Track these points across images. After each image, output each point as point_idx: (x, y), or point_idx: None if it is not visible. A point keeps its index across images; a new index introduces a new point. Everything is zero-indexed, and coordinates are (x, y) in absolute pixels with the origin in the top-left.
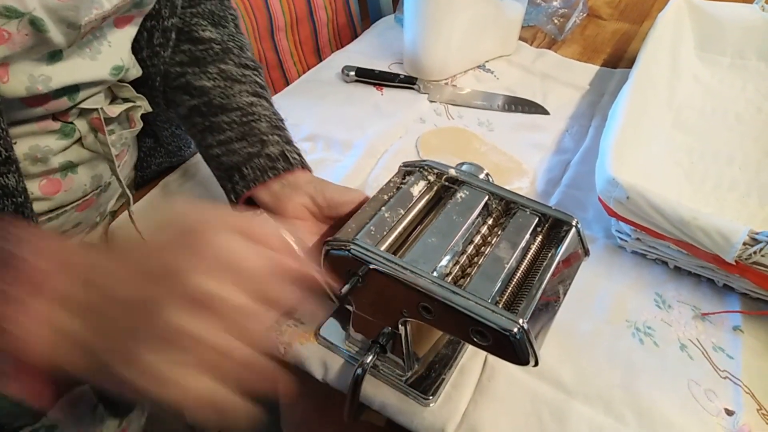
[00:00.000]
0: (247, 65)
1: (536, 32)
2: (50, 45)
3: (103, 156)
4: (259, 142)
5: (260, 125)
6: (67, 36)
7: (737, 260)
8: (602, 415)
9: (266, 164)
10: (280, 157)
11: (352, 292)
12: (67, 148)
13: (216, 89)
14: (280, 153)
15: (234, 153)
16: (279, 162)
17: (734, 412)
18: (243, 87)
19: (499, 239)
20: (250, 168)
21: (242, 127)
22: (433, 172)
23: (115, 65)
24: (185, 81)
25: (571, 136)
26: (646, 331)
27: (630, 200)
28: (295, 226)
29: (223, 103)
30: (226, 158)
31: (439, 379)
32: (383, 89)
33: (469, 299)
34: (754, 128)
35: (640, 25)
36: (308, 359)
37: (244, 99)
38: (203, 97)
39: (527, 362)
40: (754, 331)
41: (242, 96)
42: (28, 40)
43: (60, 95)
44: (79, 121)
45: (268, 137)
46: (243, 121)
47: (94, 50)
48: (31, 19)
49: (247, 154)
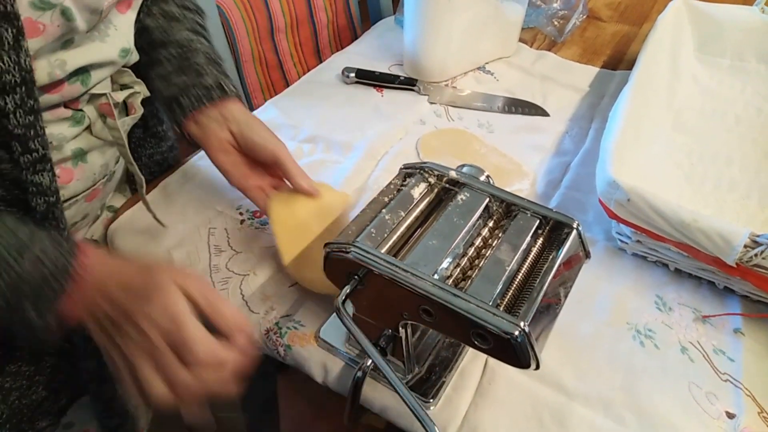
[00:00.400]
0: (188, 7)
1: (536, 34)
2: (74, 32)
3: (109, 144)
4: (195, 74)
5: (198, 58)
6: (89, 22)
7: (738, 263)
8: (603, 418)
9: (202, 93)
10: (216, 87)
11: (352, 295)
12: (77, 135)
13: (157, 29)
14: (216, 83)
15: (173, 85)
16: (214, 91)
17: (735, 415)
18: (183, 25)
19: (500, 241)
20: (187, 97)
21: (180, 60)
22: (433, 174)
23: (123, 47)
24: (140, 18)
25: (571, 137)
26: (647, 334)
27: (630, 202)
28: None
29: (162, 39)
30: (166, 91)
31: (440, 381)
32: (383, 91)
33: (469, 302)
34: (754, 130)
35: (640, 27)
36: (308, 361)
37: (182, 35)
38: (145, 35)
39: (528, 365)
40: (755, 334)
41: (181, 33)
42: (58, 30)
43: (74, 80)
44: (88, 107)
45: (204, 69)
46: (180, 54)
47: (103, 33)
48: (62, 9)
49: (184, 84)
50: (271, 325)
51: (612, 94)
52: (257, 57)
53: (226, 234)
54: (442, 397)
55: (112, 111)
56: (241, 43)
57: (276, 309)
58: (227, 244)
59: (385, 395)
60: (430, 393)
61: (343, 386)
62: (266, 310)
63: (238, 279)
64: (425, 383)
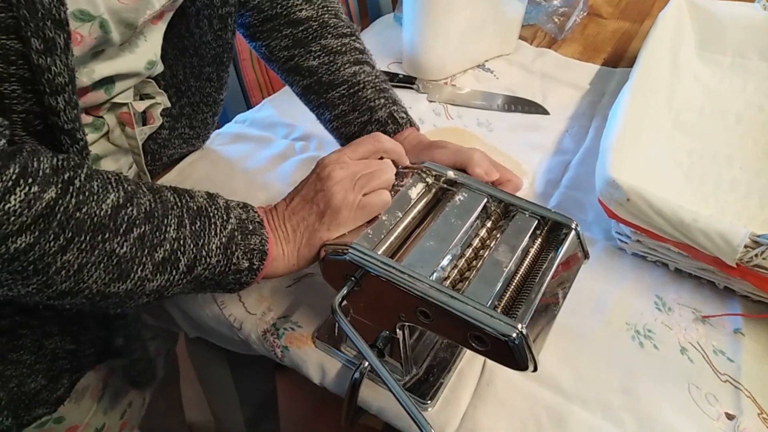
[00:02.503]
0: (345, 34)
1: (536, 31)
2: (108, 44)
3: (123, 151)
4: (368, 111)
5: (366, 93)
6: (123, 35)
7: (738, 263)
8: (601, 420)
9: (378, 130)
10: (389, 120)
11: (349, 296)
12: (95, 142)
13: (322, 67)
14: (389, 116)
15: (349, 124)
16: (389, 125)
17: (735, 416)
18: (345, 58)
19: (498, 242)
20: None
21: (351, 98)
22: (431, 174)
23: (150, 59)
24: (294, 64)
25: (571, 136)
26: (646, 334)
27: (630, 202)
28: None
29: (330, 79)
30: (344, 129)
31: (438, 383)
32: None
33: (467, 304)
34: (755, 128)
35: (640, 24)
36: (306, 363)
37: (347, 71)
38: (313, 76)
39: (526, 368)
40: (755, 335)
41: (345, 68)
42: (94, 42)
43: (98, 88)
44: (109, 115)
45: (375, 103)
46: (350, 92)
47: (133, 45)
48: (101, 21)
49: (360, 124)
50: (269, 326)
51: (612, 92)
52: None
53: None
54: (440, 398)
55: (132, 120)
56: (239, 41)
57: (273, 310)
58: None
59: (382, 396)
60: (428, 394)
61: (340, 387)
62: (263, 311)
63: None
64: (423, 384)
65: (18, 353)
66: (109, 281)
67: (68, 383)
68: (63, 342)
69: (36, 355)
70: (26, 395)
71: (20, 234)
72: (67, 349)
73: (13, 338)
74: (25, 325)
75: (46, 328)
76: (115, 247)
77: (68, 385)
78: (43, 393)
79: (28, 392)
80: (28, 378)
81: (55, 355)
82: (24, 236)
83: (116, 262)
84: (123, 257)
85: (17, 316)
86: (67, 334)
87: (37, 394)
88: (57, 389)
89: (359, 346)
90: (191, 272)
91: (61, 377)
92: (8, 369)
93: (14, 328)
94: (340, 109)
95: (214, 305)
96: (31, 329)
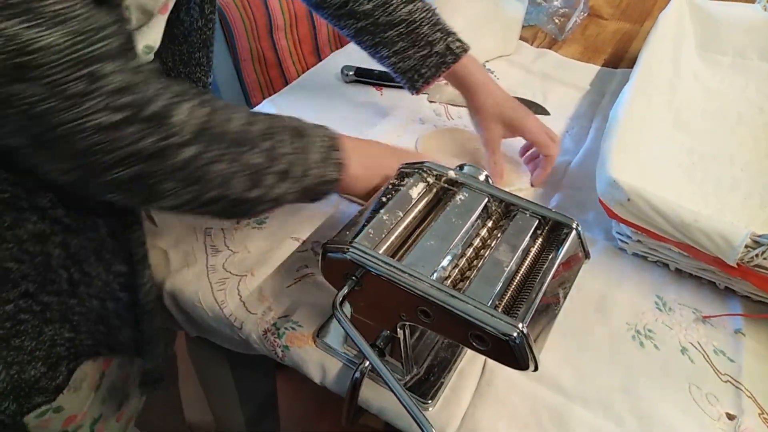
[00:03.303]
0: None
1: (537, 32)
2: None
3: None
4: (427, 45)
5: (423, 29)
6: (138, 21)
7: (739, 263)
8: (602, 419)
9: (439, 61)
10: (447, 52)
11: (349, 296)
12: None
13: (377, 9)
14: (446, 48)
15: (408, 59)
16: (447, 56)
17: (735, 416)
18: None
19: (499, 242)
20: (427, 67)
21: (409, 36)
22: (432, 174)
23: (148, 44)
24: (349, 9)
25: (571, 136)
26: (647, 334)
27: (631, 202)
28: None
29: (387, 20)
30: (402, 64)
31: (438, 382)
32: (383, 89)
33: (468, 303)
34: (756, 129)
35: (641, 25)
36: (306, 362)
37: (403, 11)
38: (368, 19)
39: (527, 367)
40: (756, 335)
41: (401, 8)
42: None
43: None
44: None
45: (432, 38)
46: (408, 30)
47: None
48: (125, 6)
49: (420, 58)
50: (269, 325)
51: (613, 92)
52: (256, 55)
53: (222, 234)
54: (440, 398)
55: None
56: (240, 42)
57: (274, 310)
58: (224, 244)
59: (383, 396)
60: (429, 394)
61: (341, 387)
62: (264, 310)
63: (236, 280)
64: (424, 384)
65: (20, 339)
66: (245, 189)
67: (66, 372)
68: (62, 329)
69: (36, 341)
70: (26, 382)
71: (188, 144)
72: (65, 336)
73: (16, 323)
74: (27, 309)
75: (47, 314)
76: (250, 158)
77: (66, 373)
78: (43, 380)
79: (28, 379)
80: (28, 365)
81: (53, 342)
82: (190, 147)
83: (251, 171)
84: (257, 167)
85: (21, 301)
86: (67, 322)
87: (37, 382)
88: (56, 377)
89: (360, 345)
90: (301, 182)
91: (59, 365)
92: (10, 354)
93: (17, 314)
94: (399, 46)
95: (215, 305)
96: (33, 314)
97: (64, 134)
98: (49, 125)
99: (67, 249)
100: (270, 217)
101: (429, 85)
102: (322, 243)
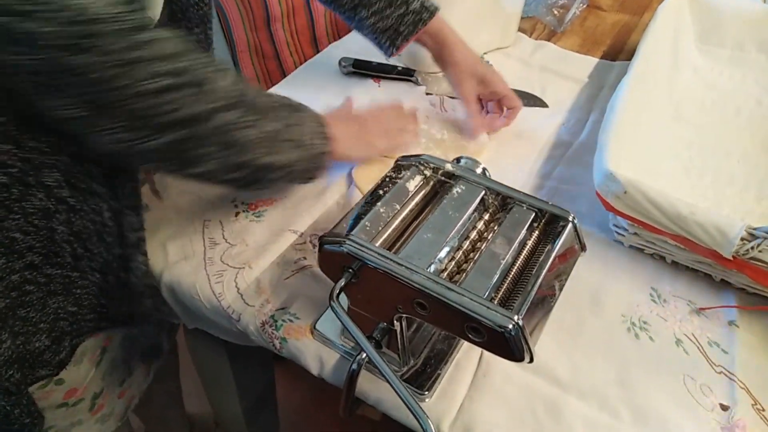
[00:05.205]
0: None
1: (535, 23)
2: None
3: None
4: (403, 3)
5: None
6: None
7: (734, 255)
8: (597, 411)
9: (416, 18)
10: (422, 9)
11: (346, 288)
12: None
13: None
14: (421, 6)
15: (386, 18)
16: (423, 13)
17: (729, 407)
18: None
19: (495, 234)
20: (405, 25)
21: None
22: (429, 167)
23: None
24: None
25: (568, 129)
26: (642, 326)
27: (627, 195)
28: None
29: None
30: (380, 24)
31: (435, 374)
32: (380, 81)
33: (463, 295)
34: (754, 122)
35: (640, 17)
36: (304, 354)
37: None
38: None
39: (522, 359)
40: (750, 326)
41: None
42: None
43: None
44: None
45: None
46: None
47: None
48: None
49: (398, 17)
50: (267, 318)
51: (611, 84)
52: (253, 47)
53: (220, 226)
54: (437, 389)
55: None
56: (237, 33)
57: (271, 302)
58: (222, 236)
59: (380, 387)
60: (426, 385)
61: (338, 378)
62: (261, 303)
63: (233, 272)
64: (420, 376)
65: (25, 309)
66: (267, 154)
67: (69, 347)
68: (65, 303)
69: (41, 313)
70: (31, 353)
71: (228, 109)
72: (68, 310)
73: (21, 294)
74: (32, 281)
75: (51, 286)
76: (274, 125)
77: (69, 349)
78: (47, 354)
79: (33, 350)
80: (33, 336)
81: (57, 315)
82: (230, 112)
83: (272, 138)
84: (277, 135)
85: (26, 272)
86: (70, 295)
87: (41, 354)
88: (60, 351)
89: (357, 337)
90: (306, 150)
91: (62, 339)
92: (17, 324)
93: (22, 284)
94: (377, 6)
95: (213, 297)
96: (38, 286)
97: (122, 98)
98: (108, 90)
99: (71, 227)
100: (268, 210)
101: (408, 43)
102: (319, 235)
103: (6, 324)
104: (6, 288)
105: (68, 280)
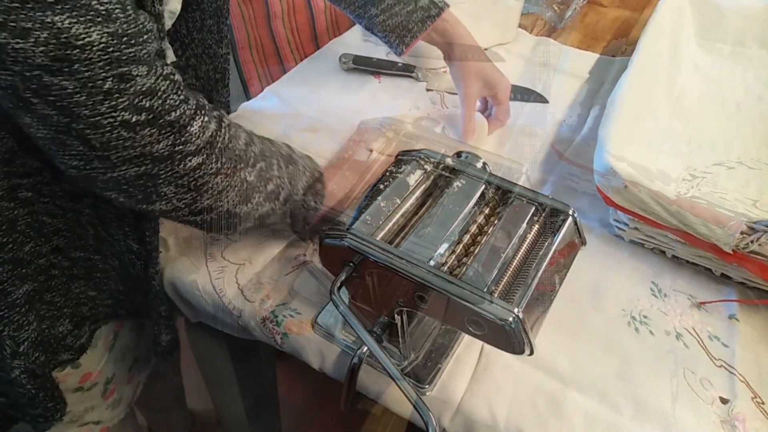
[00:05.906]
0: None
1: (536, 20)
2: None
3: None
4: (412, 0)
5: None
6: None
7: (735, 249)
8: (597, 404)
9: (424, 15)
10: (431, 6)
11: (347, 282)
12: None
13: None
14: (430, 2)
15: (396, 15)
16: (432, 10)
17: (729, 400)
18: None
19: (496, 228)
20: (414, 22)
21: None
22: (429, 161)
23: (171, 10)
24: None
25: (568, 125)
26: (642, 320)
27: (628, 189)
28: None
29: None
30: (390, 21)
31: (436, 368)
32: (381, 77)
33: (464, 289)
34: (754, 117)
35: (640, 13)
36: (305, 349)
37: None
38: None
39: (522, 351)
40: (750, 320)
41: None
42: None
43: None
44: None
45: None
46: None
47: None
48: None
49: (407, 13)
50: (268, 313)
51: (612, 80)
52: (253, 44)
53: None
54: (437, 383)
55: None
56: (237, 30)
57: (272, 297)
58: None
59: (381, 381)
60: (426, 379)
61: (339, 373)
62: (262, 298)
63: (234, 268)
64: (421, 369)
65: (51, 294)
66: (237, 203)
67: (89, 332)
68: (86, 287)
69: (65, 297)
70: (55, 338)
71: (195, 154)
72: (89, 295)
73: (48, 278)
74: (57, 265)
75: (74, 270)
76: (245, 175)
77: (88, 334)
78: (69, 338)
79: (56, 335)
80: (57, 321)
81: (78, 300)
82: (197, 157)
83: (245, 188)
84: (249, 185)
85: (51, 256)
86: (91, 280)
87: (64, 338)
88: (80, 336)
89: (358, 331)
90: (285, 204)
91: (83, 324)
92: (42, 308)
93: (48, 268)
94: (386, 3)
95: (214, 293)
96: (62, 270)
97: (87, 127)
98: (74, 117)
99: (97, 210)
100: None
101: (417, 39)
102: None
103: (33, 307)
104: (34, 272)
105: (90, 264)
